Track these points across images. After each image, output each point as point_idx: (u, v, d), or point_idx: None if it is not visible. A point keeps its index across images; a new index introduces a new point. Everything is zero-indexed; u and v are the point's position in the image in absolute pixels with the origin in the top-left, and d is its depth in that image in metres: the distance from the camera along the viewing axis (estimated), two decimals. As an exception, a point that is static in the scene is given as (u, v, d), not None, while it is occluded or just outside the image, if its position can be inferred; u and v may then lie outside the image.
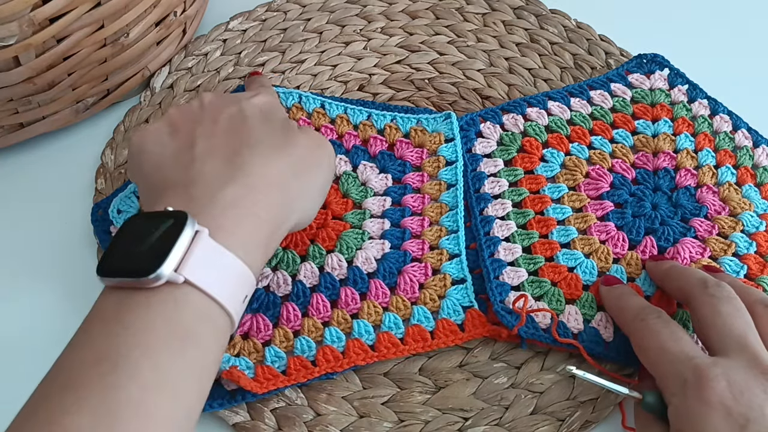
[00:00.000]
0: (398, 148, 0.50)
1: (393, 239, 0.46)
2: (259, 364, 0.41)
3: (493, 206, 0.48)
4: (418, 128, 0.51)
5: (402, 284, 0.44)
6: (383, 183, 0.49)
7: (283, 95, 0.53)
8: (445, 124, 0.51)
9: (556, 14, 0.60)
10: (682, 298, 0.41)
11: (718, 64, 0.57)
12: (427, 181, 0.49)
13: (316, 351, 0.42)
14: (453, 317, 0.43)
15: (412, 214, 0.48)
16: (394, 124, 0.52)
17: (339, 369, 0.42)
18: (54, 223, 0.49)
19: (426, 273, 0.45)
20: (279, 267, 0.45)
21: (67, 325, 0.45)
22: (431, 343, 0.43)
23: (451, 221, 0.47)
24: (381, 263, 0.45)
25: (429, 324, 0.43)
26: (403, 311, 0.43)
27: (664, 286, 0.43)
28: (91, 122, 0.54)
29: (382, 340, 0.42)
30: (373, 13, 0.60)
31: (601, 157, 0.50)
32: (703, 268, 0.44)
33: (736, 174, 0.49)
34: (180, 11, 0.54)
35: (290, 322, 0.43)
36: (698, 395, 0.33)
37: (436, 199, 0.48)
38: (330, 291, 0.44)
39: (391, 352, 0.42)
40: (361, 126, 0.52)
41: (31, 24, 0.42)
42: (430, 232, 0.47)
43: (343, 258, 0.45)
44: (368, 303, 0.44)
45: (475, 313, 0.43)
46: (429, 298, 0.44)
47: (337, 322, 0.43)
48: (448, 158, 0.50)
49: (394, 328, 0.43)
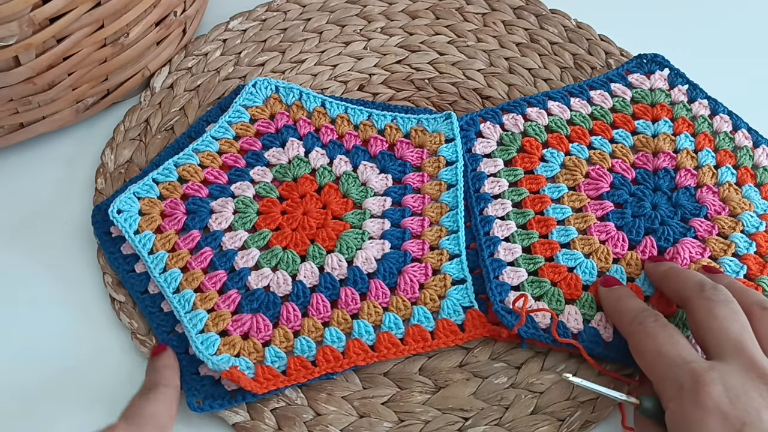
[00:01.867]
0: (398, 148, 0.50)
1: (393, 239, 0.46)
2: (259, 364, 0.41)
3: (493, 206, 0.48)
4: (419, 128, 0.51)
5: (402, 284, 0.44)
6: (383, 183, 0.49)
7: (283, 90, 0.53)
8: (446, 124, 0.51)
9: (556, 14, 0.60)
10: (679, 301, 0.40)
11: (718, 64, 0.57)
12: (427, 181, 0.49)
13: (316, 351, 0.42)
14: (453, 317, 0.43)
15: (413, 215, 0.48)
16: (394, 124, 0.52)
17: (339, 369, 0.42)
18: (54, 223, 0.49)
19: (426, 273, 0.45)
20: (279, 267, 0.45)
21: (66, 325, 0.45)
22: (431, 343, 0.43)
23: (451, 221, 0.47)
24: (381, 263, 0.45)
25: (429, 324, 0.43)
26: (404, 311, 0.43)
27: (662, 288, 0.43)
28: (91, 122, 0.54)
29: (382, 341, 0.42)
30: (373, 13, 0.60)
31: (601, 157, 0.50)
32: (703, 269, 0.44)
33: (736, 174, 0.49)
34: (180, 11, 0.54)
35: (290, 322, 0.43)
36: (694, 400, 0.33)
37: (436, 199, 0.48)
38: (330, 291, 0.44)
39: (392, 353, 0.42)
40: (361, 126, 0.52)
41: (31, 24, 0.42)
42: (431, 232, 0.47)
43: (344, 258, 0.45)
44: (368, 303, 0.44)
45: (475, 313, 0.43)
46: (429, 298, 0.44)
47: (337, 322, 0.43)
48: (448, 158, 0.50)
49: (394, 328, 0.43)
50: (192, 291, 0.44)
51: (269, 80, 0.53)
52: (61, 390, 0.43)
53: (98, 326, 0.45)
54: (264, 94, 0.53)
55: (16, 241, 0.48)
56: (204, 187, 0.48)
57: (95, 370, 0.44)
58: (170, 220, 0.47)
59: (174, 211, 0.47)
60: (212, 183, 0.49)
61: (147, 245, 0.45)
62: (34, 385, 0.43)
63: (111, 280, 0.46)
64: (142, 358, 0.44)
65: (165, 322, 0.44)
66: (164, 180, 0.48)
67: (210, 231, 0.47)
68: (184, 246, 0.46)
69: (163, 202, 0.47)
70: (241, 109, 0.52)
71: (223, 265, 0.45)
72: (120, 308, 0.45)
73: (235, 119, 0.51)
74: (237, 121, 0.51)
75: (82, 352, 0.44)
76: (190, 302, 0.43)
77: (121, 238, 0.47)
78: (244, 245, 0.46)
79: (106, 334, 0.45)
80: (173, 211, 0.47)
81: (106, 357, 0.44)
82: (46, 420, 0.42)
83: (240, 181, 0.49)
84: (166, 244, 0.46)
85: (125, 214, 0.46)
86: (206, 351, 0.41)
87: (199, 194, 0.48)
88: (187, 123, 0.53)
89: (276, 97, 0.53)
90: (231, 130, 0.51)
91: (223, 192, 0.48)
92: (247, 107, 0.52)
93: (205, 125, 0.52)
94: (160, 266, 0.45)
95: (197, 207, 0.47)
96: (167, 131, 0.53)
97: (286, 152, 0.50)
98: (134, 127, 0.53)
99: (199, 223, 0.47)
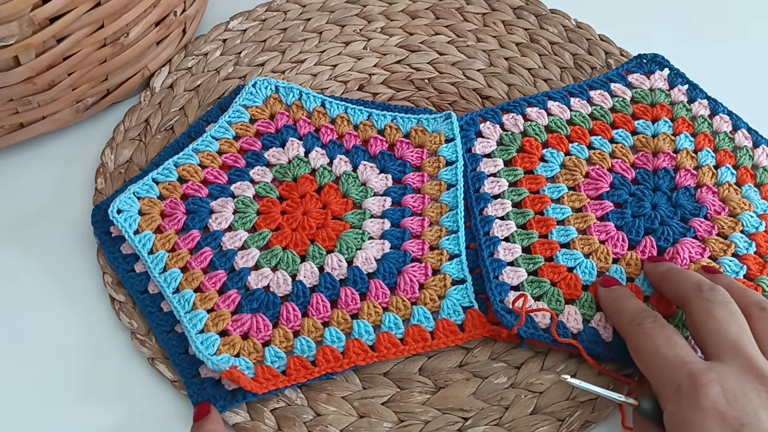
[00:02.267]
0: (398, 148, 0.50)
1: (393, 239, 0.46)
2: (259, 364, 0.41)
3: (493, 206, 0.48)
4: (419, 128, 0.51)
5: (402, 284, 0.44)
6: (383, 183, 0.49)
7: (283, 90, 0.53)
8: (446, 124, 0.51)
9: (556, 14, 0.60)
10: (678, 302, 0.40)
11: (717, 65, 0.57)
12: (427, 181, 0.49)
13: (316, 351, 0.42)
14: (453, 317, 0.43)
15: (412, 215, 0.48)
16: (394, 124, 0.52)
17: (339, 369, 0.42)
18: (54, 223, 0.49)
19: (426, 273, 0.45)
20: (279, 267, 0.45)
21: (66, 325, 0.45)
22: (431, 343, 0.43)
23: (451, 221, 0.47)
24: (381, 263, 0.45)
25: (429, 324, 0.43)
26: (403, 311, 0.43)
27: (660, 288, 0.43)
28: (91, 122, 0.54)
29: (382, 341, 0.42)
30: (373, 12, 0.60)
31: (601, 157, 0.50)
32: (702, 269, 0.44)
33: (736, 174, 0.49)
34: (180, 11, 0.54)
35: (290, 322, 0.43)
36: (692, 401, 0.33)
37: (436, 199, 0.48)
38: (330, 291, 0.44)
39: (391, 353, 0.42)
40: (361, 126, 0.52)
41: (31, 24, 0.42)
42: (430, 232, 0.47)
43: (344, 258, 0.45)
44: (368, 303, 0.44)
45: (475, 314, 0.43)
46: (429, 299, 0.44)
47: (337, 322, 0.43)
48: (448, 158, 0.50)
49: (394, 328, 0.43)
50: (192, 291, 0.44)
51: (269, 80, 0.53)
52: (60, 390, 0.43)
53: (98, 326, 0.45)
54: (264, 94, 0.53)
55: (16, 241, 0.48)
56: (204, 187, 0.48)
57: (95, 369, 0.44)
58: (170, 219, 0.47)
59: (174, 211, 0.47)
60: (212, 183, 0.49)
61: (147, 245, 0.45)
62: (33, 385, 0.43)
63: (111, 279, 0.46)
64: (142, 358, 0.44)
65: (165, 322, 0.44)
66: (164, 180, 0.48)
67: (210, 231, 0.47)
68: (183, 246, 0.46)
69: (163, 202, 0.47)
70: (241, 108, 0.52)
71: (222, 265, 0.45)
72: (120, 308, 0.45)
73: (235, 119, 0.51)
74: (237, 121, 0.51)
75: (82, 351, 0.44)
76: (190, 302, 0.43)
77: (121, 238, 0.47)
78: (244, 245, 0.46)
79: (106, 334, 0.45)
80: (173, 211, 0.47)
81: (106, 357, 0.44)
82: (45, 419, 0.42)
83: (240, 181, 0.49)
84: (165, 244, 0.46)
85: (125, 214, 0.46)
86: (206, 351, 0.41)
87: (199, 194, 0.48)
88: (187, 123, 0.53)
89: (276, 97, 0.53)
90: (231, 130, 0.51)
91: (223, 192, 0.48)
92: (247, 107, 0.52)
93: (205, 125, 0.52)
94: (160, 266, 0.45)
95: (197, 207, 0.47)
96: (167, 131, 0.53)
97: (286, 152, 0.50)
98: (134, 127, 0.53)
99: (199, 223, 0.47)
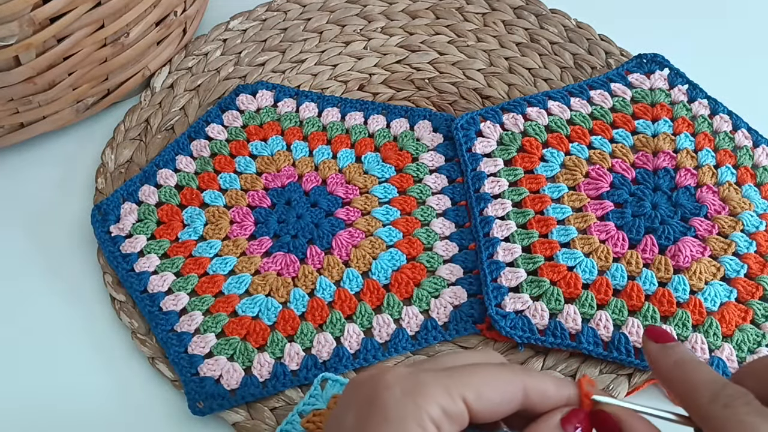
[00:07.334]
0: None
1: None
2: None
3: (493, 206, 0.47)
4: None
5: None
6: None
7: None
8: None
9: (556, 14, 0.60)
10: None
11: (718, 64, 0.57)
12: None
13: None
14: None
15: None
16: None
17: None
18: (54, 223, 0.49)
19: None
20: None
21: (67, 324, 0.45)
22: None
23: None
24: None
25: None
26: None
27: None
28: (91, 122, 0.54)
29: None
30: (373, 12, 0.60)
31: (601, 156, 0.50)
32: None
33: (736, 174, 0.49)
34: (180, 11, 0.54)
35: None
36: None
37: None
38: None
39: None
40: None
41: (31, 23, 0.42)
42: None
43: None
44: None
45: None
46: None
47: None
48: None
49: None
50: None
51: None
52: (60, 389, 0.43)
53: (98, 326, 0.45)
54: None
55: (16, 241, 0.49)
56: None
57: (95, 369, 0.44)
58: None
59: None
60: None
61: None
62: (33, 385, 0.43)
63: (111, 279, 0.46)
64: (143, 357, 0.44)
65: (164, 321, 0.44)
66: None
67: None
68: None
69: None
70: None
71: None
72: (120, 308, 0.45)
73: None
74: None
75: (83, 351, 0.44)
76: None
77: (121, 238, 0.47)
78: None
79: (107, 334, 0.45)
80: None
81: (106, 356, 0.44)
82: (45, 419, 0.42)
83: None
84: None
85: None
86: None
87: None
88: (187, 123, 0.53)
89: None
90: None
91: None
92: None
93: (205, 125, 0.52)
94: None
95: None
96: (167, 131, 0.53)
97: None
98: (134, 127, 0.53)
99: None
